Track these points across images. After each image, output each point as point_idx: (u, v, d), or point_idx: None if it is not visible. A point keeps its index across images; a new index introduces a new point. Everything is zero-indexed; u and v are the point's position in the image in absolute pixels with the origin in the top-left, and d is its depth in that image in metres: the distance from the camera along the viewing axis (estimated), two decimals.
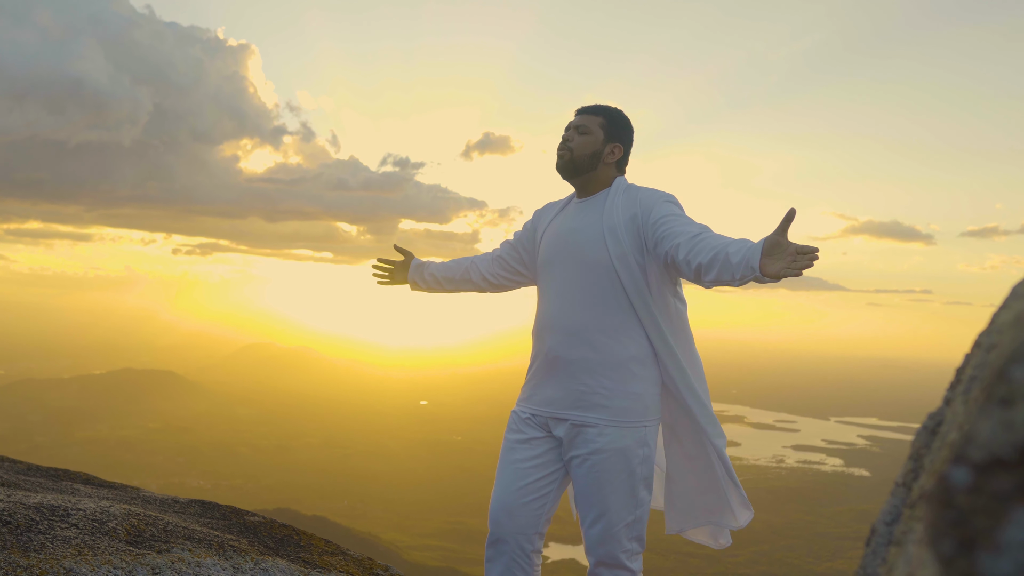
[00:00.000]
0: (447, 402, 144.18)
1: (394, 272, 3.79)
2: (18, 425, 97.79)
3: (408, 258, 3.75)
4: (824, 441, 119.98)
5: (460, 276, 3.57)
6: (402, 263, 3.77)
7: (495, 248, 3.57)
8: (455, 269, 3.59)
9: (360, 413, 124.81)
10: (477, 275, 3.53)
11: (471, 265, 3.55)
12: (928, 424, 1.32)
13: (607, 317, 3.02)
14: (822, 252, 2.51)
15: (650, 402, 3.06)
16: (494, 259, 3.51)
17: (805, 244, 2.53)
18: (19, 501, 3.09)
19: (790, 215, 2.57)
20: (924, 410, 1.20)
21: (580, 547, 3.47)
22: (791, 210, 2.55)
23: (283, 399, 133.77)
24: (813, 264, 2.51)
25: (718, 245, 2.67)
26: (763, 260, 2.54)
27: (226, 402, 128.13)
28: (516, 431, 3.19)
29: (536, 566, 3.13)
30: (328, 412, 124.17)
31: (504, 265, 3.48)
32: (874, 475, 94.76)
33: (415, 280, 3.70)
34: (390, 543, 55.78)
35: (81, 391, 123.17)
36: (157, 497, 4.04)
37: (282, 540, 3.63)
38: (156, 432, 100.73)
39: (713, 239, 2.72)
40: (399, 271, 3.77)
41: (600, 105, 3.24)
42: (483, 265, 3.53)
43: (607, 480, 2.98)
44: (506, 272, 3.48)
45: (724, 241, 2.69)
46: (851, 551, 64.34)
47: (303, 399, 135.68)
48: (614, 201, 3.09)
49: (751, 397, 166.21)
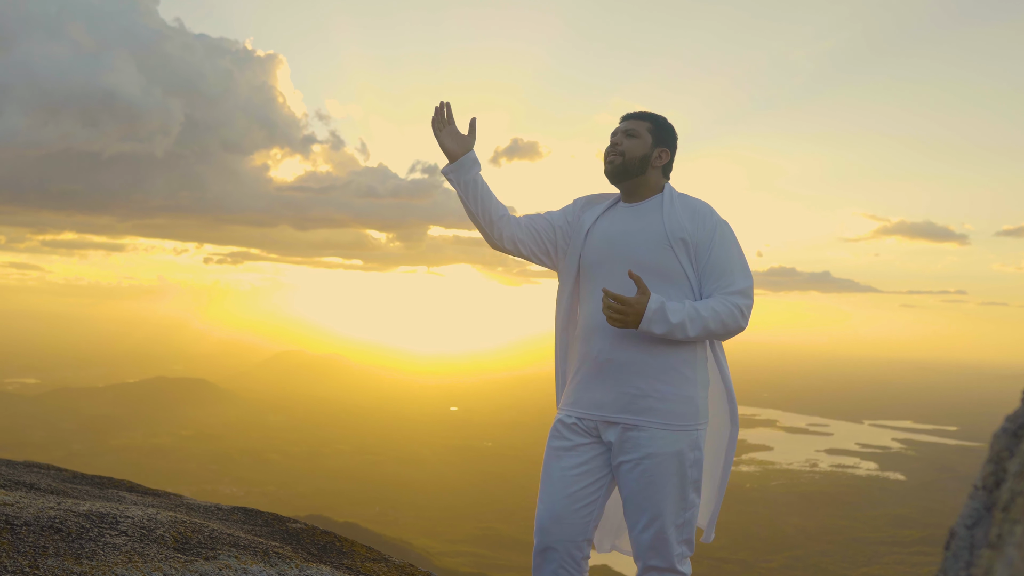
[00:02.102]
0: (478, 408, 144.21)
1: (451, 131, 3.33)
2: (54, 433, 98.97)
3: (470, 139, 3.32)
4: (858, 444, 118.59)
5: (492, 209, 3.28)
6: (461, 135, 3.33)
7: (531, 215, 3.36)
8: (493, 201, 3.30)
9: (391, 419, 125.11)
10: (503, 226, 3.29)
11: (504, 215, 3.30)
12: (1008, 427, 1.29)
13: None
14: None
15: (701, 405, 3.07)
16: (526, 228, 3.29)
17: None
18: (69, 509, 3.14)
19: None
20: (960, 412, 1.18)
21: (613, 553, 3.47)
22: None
23: (314, 406, 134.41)
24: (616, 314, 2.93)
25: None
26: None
27: (257, 409, 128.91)
28: (561, 438, 3.15)
29: (584, 572, 3.13)
30: (359, 419, 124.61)
31: (536, 240, 3.29)
32: (909, 479, 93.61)
33: (461, 166, 3.29)
34: (422, 549, 55.85)
35: (115, 399, 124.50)
36: (200, 504, 4.09)
37: (324, 547, 3.66)
38: (189, 440, 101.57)
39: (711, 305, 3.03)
40: (455, 136, 3.32)
41: (646, 111, 3.29)
42: (513, 225, 3.29)
43: (660, 484, 2.98)
44: (535, 246, 3.29)
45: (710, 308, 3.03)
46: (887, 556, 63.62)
47: (334, 406, 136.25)
48: (672, 207, 3.13)
49: (783, 401, 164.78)
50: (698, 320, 2.94)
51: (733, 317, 2.98)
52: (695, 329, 2.94)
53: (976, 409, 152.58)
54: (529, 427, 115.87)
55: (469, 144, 3.31)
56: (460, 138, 3.32)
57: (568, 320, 3.31)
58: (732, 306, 2.99)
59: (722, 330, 2.99)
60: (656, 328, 2.92)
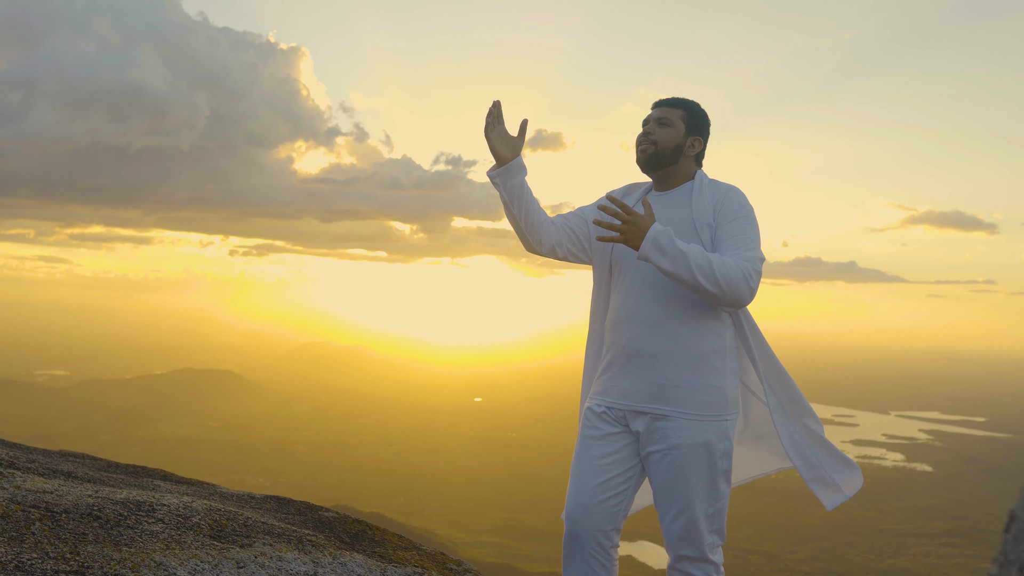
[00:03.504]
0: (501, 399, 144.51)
1: (501, 131, 3.22)
2: (83, 425, 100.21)
3: (519, 141, 3.21)
4: (884, 436, 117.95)
5: (534, 214, 3.24)
6: (511, 136, 3.22)
7: (564, 214, 3.32)
8: (536, 206, 3.25)
9: (415, 411, 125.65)
10: (542, 231, 3.25)
11: (545, 220, 3.26)
12: None
13: (688, 310, 2.99)
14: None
15: (730, 395, 3.03)
16: (563, 228, 3.26)
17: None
18: (107, 496, 3.18)
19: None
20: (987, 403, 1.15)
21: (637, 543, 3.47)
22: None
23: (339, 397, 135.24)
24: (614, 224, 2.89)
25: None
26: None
27: (283, 401, 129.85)
28: (592, 427, 3.12)
29: (614, 561, 3.11)
30: (383, 410, 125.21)
31: (573, 238, 3.26)
32: (937, 470, 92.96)
33: (509, 170, 3.19)
34: (446, 539, 56.09)
35: (143, 391, 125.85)
36: (233, 493, 4.13)
37: (357, 535, 3.68)
38: (215, 431, 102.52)
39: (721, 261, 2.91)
40: (504, 138, 3.21)
41: (679, 98, 3.20)
42: (552, 229, 3.25)
43: (689, 474, 2.96)
44: (572, 245, 3.26)
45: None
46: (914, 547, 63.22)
47: (358, 397, 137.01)
48: (701, 194, 3.07)
49: (808, 391, 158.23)
50: (705, 263, 2.79)
51: (742, 275, 2.82)
52: (698, 268, 2.78)
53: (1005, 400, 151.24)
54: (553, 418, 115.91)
55: (518, 147, 3.21)
56: (510, 140, 3.20)
57: (603, 312, 3.26)
58: (743, 266, 2.84)
59: (725, 284, 2.80)
60: (658, 252, 2.80)
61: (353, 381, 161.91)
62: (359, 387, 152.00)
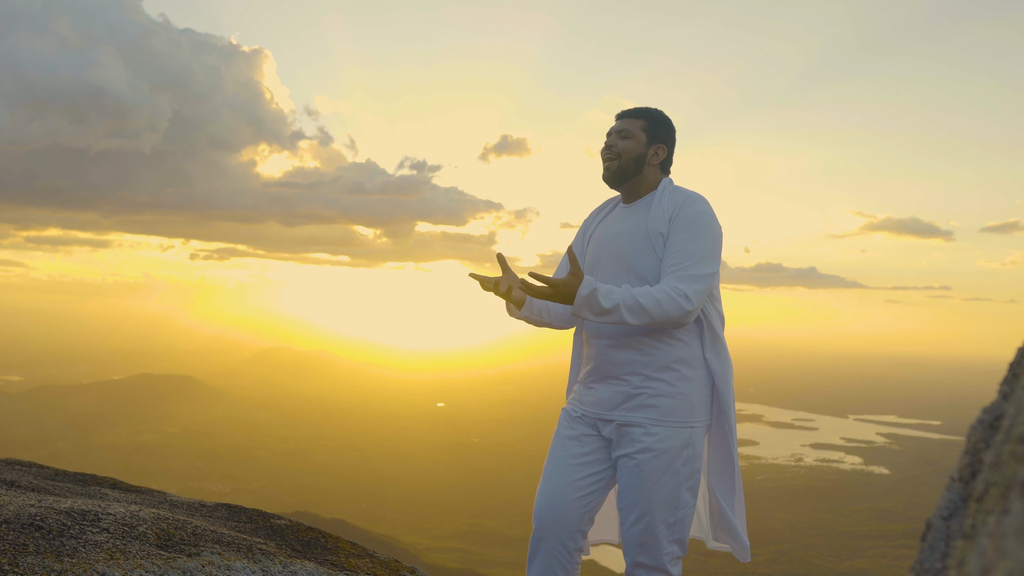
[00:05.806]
0: (464, 404, 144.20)
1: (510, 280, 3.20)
2: (39, 431, 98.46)
3: (514, 277, 3.20)
4: (843, 439, 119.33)
5: (555, 308, 3.34)
6: (505, 276, 3.21)
7: (563, 261, 3.33)
8: (553, 305, 3.33)
9: (378, 416, 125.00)
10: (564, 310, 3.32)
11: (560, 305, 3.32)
12: (984, 418, 1.29)
13: None
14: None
15: (697, 403, 3.04)
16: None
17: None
18: (50, 506, 3.12)
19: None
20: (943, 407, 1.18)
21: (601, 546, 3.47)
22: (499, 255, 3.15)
23: (301, 403, 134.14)
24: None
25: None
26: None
27: (244, 406, 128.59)
28: (567, 427, 3.18)
29: (576, 564, 3.12)
30: (346, 415, 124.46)
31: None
32: (894, 473, 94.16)
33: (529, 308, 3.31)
34: (409, 545, 55.84)
35: (100, 397, 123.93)
36: (184, 501, 4.07)
37: (309, 543, 3.65)
38: (175, 437, 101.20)
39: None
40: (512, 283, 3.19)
41: (640, 108, 3.22)
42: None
43: (651, 480, 2.96)
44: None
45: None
46: (871, 549, 63.96)
47: (321, 403, 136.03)
48: (660, 204, 3.08)
49: (769, 396, 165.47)
50: (635, 306, 2.84)
51: (672, 301, 2.85)
52: (632, 315, 2.85)
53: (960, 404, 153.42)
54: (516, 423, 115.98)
55: (517, 281, 3.16)
56: (513, 280, 3.18)
57: (580, 325, 3.32)
58: (672, 290, 2.86)
59: (661, 315, 2.85)
60: (587, 313, 2.87)
61: (315, 386, 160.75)
62: (321, 392, 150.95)
